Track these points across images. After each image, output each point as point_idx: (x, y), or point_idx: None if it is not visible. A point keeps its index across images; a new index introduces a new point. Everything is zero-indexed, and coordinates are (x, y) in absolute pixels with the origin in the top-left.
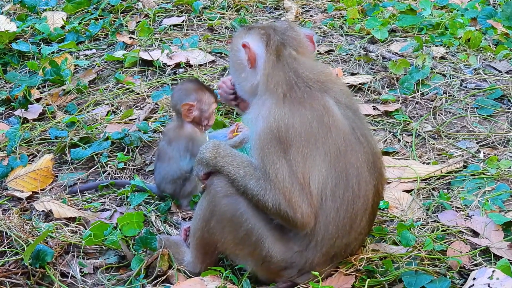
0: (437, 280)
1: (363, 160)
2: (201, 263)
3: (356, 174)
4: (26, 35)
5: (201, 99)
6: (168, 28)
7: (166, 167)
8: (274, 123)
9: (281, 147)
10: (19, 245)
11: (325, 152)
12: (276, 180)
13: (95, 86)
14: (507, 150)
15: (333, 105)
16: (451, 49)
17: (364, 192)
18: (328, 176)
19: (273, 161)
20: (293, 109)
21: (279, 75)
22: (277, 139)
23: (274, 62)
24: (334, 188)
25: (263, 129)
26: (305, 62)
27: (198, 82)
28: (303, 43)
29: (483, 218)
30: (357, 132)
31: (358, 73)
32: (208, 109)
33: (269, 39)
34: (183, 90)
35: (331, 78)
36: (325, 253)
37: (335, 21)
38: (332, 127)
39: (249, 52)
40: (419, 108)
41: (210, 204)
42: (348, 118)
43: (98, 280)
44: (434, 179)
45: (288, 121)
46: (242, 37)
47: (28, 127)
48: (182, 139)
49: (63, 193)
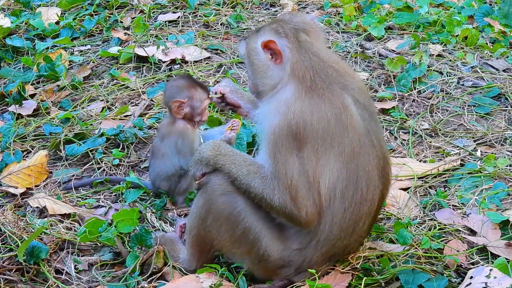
0: (434, 279)
1: (374, 164)
2: (197, 260)
3: (366, 177)
4: (20, 30)
5: (192, 96)
6: (164, 24)
7: (160, 164)
8: (292, 119)
9: (296, 144)
10: (13, 242)
11: (340, 152)
12: (284, 178)
13: (90, 82)
14: (504, 148)
15: (351, 103)
16: (448, 47)
17: (371, 196)
18: (340, 177)
19: (285, 158)
20: (312, 103)
21: (306, 59)
22: (293, 135)
23: (298, 47)
24: (344, 189)
25: (280, 125)
26: (320, 48)
27: (190, 78)
28: (313, 27)
29: (480, 217)
30: (372, 135)
31: (354, 70)
32: (200, 106)
33: (283, 29)
34: (175, 87)
35: (348, 71)
36: (325, 253)
37: (332, 18)
38: (350, 127)
39: (275, 48)
40: (416, 106)
41: (206, 202)
42: (364, 120)
43: (93, 277)
44: (431, 177)
45: (307, 118)
46: (256, 40)
47: (23, 123)
48: (173, 135)
49: (58, 190)
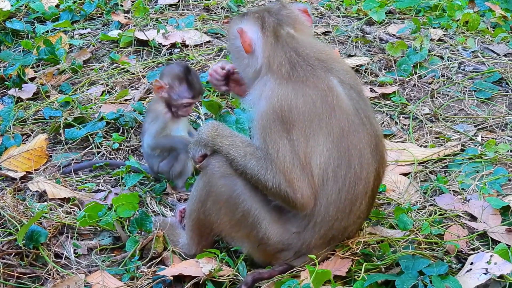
0: (434, 264)
1: (366, 142)
2: (197, 245)
3: (358, 155)
4: (20, 13)
5: (172, 87)
6: (164, 7)
7: (143, 140)
8: (277, 103)
9: (284, 127)
10: (13, 226)
11: (328, 132)
12: (277, 160)
13: (90, 66)
14: (505, 133)
15: (337, 84)
16: (449, 31)
17: (365, 174)
18: (331, 157)
19: (275, 141)
20: (296, 88)
21: (280, 55)
22: (280, 119)
23: (273, 43)
24: (336, 168)
25: (266, 110)
26: (304, 40)
27: (187, 72)
28: (299, 20)
29: (481, 202)
30: (361, 113)
31: (355, 55)
32: (177, 99)
33: (263, 21)
34: (168, 69)
35: (332, 57)
36: (323, 235)
37: (332, 2)
38: (336, 107)
39: (243, 38)
40: (416, 91)
41: (206, 185)
42: (352, 99)
43: (92, 262)
44: (431, 162)
45: (292, 101)
46: (237, 23)
47: (22, 106)
48: (151, 112)
49: (57, 174)
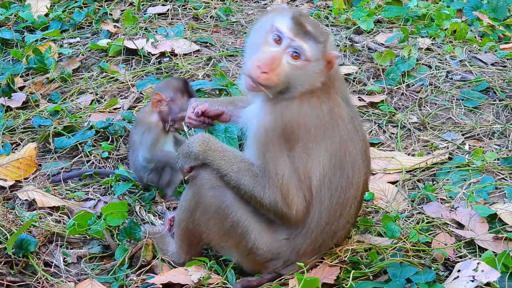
0: (422, 272)
1: (359, 148)
2: (186, 253)
3: (352, 162)
4: (9, 22)
5: (174, 99)
6: (153, 17)
7: (133, 154)
8: (288, 122)
9: (287, 145)
10: (2, 234)
11: (331, 142)
12: (275, 178)
13: (79, 75)
14: (492, 142)
15: (338, 95)
16: (437, 40)
17: (357, 179)
18: (329, 166)
19: (276, 158)
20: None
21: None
22: (285, 136)
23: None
24: (332, 176)
25: (273, 125)
26: None
27: (186, 85)
28: None
29: (468, 210)
30: (355, 121)
31: (343, 63)
32: (177, 112)
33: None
34: (167, 83)
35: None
36: (314, 240)
37: (321, 11)
38: (339, 119)
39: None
40: (404, 100)
41: (195, 196)
42: (348, 106)
43: (81, 270)
44: (419, 170)
45: (300, 118)
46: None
47: (12, 115)
48: (143, 125)
49: (47, 182)
